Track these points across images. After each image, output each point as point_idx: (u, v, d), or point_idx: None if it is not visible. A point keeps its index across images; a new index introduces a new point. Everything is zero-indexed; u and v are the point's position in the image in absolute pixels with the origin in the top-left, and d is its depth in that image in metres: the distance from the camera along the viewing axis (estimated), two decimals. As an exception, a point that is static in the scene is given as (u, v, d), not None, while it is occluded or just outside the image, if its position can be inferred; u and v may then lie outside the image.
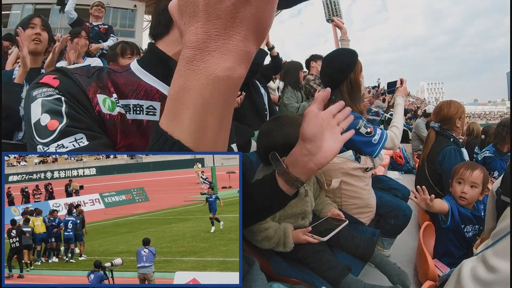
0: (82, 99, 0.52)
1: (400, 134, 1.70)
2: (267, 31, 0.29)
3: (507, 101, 76.01)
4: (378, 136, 1.58)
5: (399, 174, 4.10)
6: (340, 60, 1.62)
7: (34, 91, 0.51)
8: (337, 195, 1.52)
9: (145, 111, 0.61)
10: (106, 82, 0.58)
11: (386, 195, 1.71)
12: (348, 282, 1.05)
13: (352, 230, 1.29)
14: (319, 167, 0.67)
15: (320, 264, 1.10)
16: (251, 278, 0.83)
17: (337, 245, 1.23)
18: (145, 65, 0.66)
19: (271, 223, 1.15)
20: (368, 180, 1.56)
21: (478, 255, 0.92)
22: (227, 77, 0.27)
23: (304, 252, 1.13)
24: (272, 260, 1.19)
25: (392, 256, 1.86)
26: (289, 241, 1.12)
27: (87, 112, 0.52)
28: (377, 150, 1.57)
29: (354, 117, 1.65)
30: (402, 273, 1.15)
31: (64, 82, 0.52)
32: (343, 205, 1.51)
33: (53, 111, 0.49)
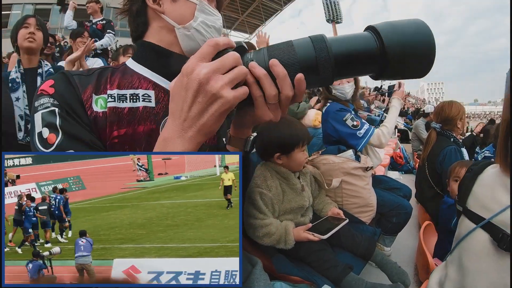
0: (75, 105, 0.60)
1: (388, 134, 1.74)
2: (213, 134, 0.46)
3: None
4: (364, 130, 1.67)
5: (399, 174, 4.11)
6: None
7: (36, 101, 0.59)
8: (338, 195, 1.53)
9: (141, 98, 0.67)
10: (105, 79, 0.66)
11: (387, 194, 1.73)
12: (349, 280, 1.06)
13: (353, 229, 1.29)
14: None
15: (321, 262, 1.11)
16: (254, 278, 0.84)
17: (338, 244, 1.23)
18: (138, 59, 0.72)
19: (272, 219, 1.16)
20: (369, 179, 1.57)
21: (444, 261, 0.96)
22: (183, 149, 0.45)
23: (305, 250, 1.14)
24: (275, 258, 1.20)
25: (393, 255, 1.87)
26: (290, 238, 1.13)
27: (79, 118, 0.60)
28: (362, 143, 1.66)
29: (343, 109, 1.73)
30: (402, 272, 1.16)
31: (59, 90, 0.60)
32: (344, 204, 1.52)
33: (50, 125, 0.57)
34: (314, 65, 0.44)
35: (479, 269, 0.77)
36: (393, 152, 4.29)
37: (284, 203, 1.23)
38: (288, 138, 1.20)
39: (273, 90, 0.45)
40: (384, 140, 1.71)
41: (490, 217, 0.77)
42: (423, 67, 0.47)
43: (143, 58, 0.72)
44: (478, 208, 0.83)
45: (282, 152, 1.22)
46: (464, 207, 0.89)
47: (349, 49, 0.45)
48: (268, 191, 1.19)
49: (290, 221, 1.20)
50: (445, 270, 0.92)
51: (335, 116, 1.73)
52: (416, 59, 0.46)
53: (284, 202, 1.23)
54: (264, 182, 1.20)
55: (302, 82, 0.45)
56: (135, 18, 0.73)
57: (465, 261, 0.82)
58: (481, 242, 0.78)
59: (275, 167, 1.24)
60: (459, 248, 0.86)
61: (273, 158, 1.24)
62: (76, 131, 0.59)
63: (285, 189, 1.24)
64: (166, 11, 0.70)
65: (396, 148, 4.56)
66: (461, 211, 0.90)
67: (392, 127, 1.79)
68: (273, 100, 0.47)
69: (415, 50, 0.45)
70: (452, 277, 0.85)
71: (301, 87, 0.46)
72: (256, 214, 1.15)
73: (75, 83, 0.62)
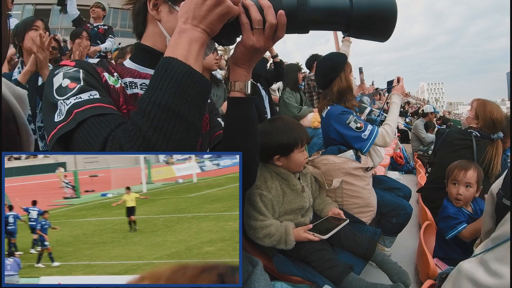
0: (94, 73, 0.66)
1: (392, 132, 1.71)
2: (217, 30, 0.60)
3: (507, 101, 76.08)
4: (368, 131, 1.64)
5: (399, 174, 4.11)
6: (331, 60, 1.81)
7: (56, 70, 0.64)
8: (338, 195, 1.53)
9: (139, 87, 0.73)
10: (108, 67, 0.72)
11: (387, 194, 1.72)
12: (350, 280, 1.06)
13: (353, 229, 1.30)
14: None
15: (322, 262, 1.11)
16: (255, 278, 0.85)
17: (339, 244, 1.23)
18: (135, 59, 0.78)
19: (272, 220, 1.16)
20: (369, 180, 1.57)
21: (476, 256, 0.91)
22: (196, 38, 0.58)
23: (306, 250, 1.14)
24: (275, 258, 1.20)
25: (393, 255, 1.87)
26: (290, 239, 1.13)
27: (98, 81, 0.66)
28: (367, 145, 1.63)
29: (345, 112, 1.70)
30: (402, 272, 1.16)
31: (79, 63, 0.67)
32: (344, 204, 1.52)
33: (73, 77, 0.62)
34: (294, 10, 0.60)
35: None
36: (393, 152, 4.29)
37: (284, 204, 1.23)
38: (287, 141, 1.20)
39: (257, 16, 0.61)
40: (388, 139, 1.68)
41: None
42: (385, 27, 0.60)
43: (139, 59, 0.78)
44: None
45: (281, 154, 1.22)
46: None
47: (325, 3, 0.60)
48: (268, 193, 1.19)
49: (290, 221, 1.20)
50: (481, 267, 0.84)
51: (338, 119, 1.69)
52: (379, 20, 0.59)
53: (284, 203, 1.23)
54: (264, 183, 1.20)
55: (283, 16, 0.60)
56: (135, 16, 0.78)
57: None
58: None
59: (275, 169, 1.24)
60: (507, 245, 0.78)
61: (272, 160, 1.24)
62: (97, 87, 0.63)
63: (285, 190, 1.24)
64: (162, 19, 0.73)
65: (396, 148, 4.57)
66: (510, 205, 0.85)
67: (395, 125, 1.76)
68: (257, 24, 0.61)
69: (379, 12, 0.58)
70: (502, 273, 0.76)
71: (282, 20, 0.61)
72: (256, 215, 1.15)
73: (88, 62, 0.69)
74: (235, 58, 0.71)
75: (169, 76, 0.53)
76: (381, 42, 0.65)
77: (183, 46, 0.56)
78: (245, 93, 0.72)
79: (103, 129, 0.55)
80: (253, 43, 0.64)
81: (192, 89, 0.54)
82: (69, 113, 0.57)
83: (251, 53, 0.67)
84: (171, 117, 0.52)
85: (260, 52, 0.67)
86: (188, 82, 0.53)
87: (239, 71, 0.72)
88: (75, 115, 0.56)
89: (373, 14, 0.59)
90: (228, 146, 0.76)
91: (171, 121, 0.52)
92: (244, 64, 0.71)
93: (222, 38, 0.67)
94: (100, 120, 0.57)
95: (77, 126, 0.56)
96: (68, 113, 0.57)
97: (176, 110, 0.52)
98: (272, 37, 0.64)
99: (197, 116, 0.56)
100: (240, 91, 0.72)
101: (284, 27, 0.62)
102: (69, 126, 0.56)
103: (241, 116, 0.73)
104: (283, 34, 0.64)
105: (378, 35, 0.63)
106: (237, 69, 0.72)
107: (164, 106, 0.51)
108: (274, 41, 0.65)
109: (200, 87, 0.55)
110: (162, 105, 0.51)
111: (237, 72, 0.72)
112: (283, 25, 0.61)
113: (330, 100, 1.80)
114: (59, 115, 0.58)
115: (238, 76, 0.72)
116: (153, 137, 0.51)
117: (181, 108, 0.53)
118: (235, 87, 0.72)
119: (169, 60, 0.54)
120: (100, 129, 0.55)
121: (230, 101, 0.74)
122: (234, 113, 0.73)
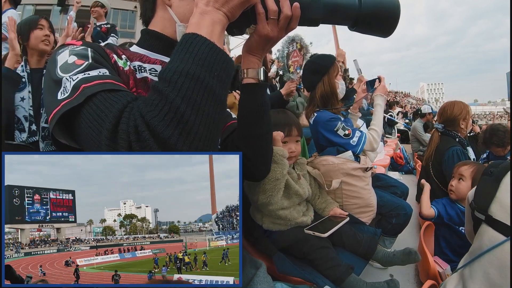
0: (102, 53, 0.63)
1: (378, 137, 1.67)
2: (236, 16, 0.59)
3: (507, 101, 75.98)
4: (357, 138, 1.61)
5: (400, 174, 4.11)
6: (315, 63, 1.74)
7: (60, 49, 0.61)
8: (338, 196, 1.53)
9: (148, 71, 0.71)
10: (116, 50, 0.70)
11: (387, 195, 1.72)
12: (351, 281, 1.06)
13: (353, 229, 1.30)
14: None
15: (324, 261, 1.10)
16: (258, 280, 0.85)
17: (340, 242, 1.23)
18: (142, 45, 0.76)
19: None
20: (368, 180, 1.57)
21: (458, 271, 0.90)
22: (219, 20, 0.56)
23: (310, 247, 1.13)
24: (275, 257, 1.19)
25: (393, 255, 1.87)
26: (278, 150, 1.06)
27: (107, 61, 0.63)
28: (357, 152, 1.61)
29: (333, 118, 1.64)
30: (405, 251, 1.22)
31: (86, 42, 0.63)
32: (344, 205, 1.52)
33: (80, 55, 0.58)
34: (308, 4, 0.63)
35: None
36: (393, 153, 4.29)
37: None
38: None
39: (274, 6, 0.62)
40: (375, 145, 1.65)
41: None
42: (389, 25, 0.66)
43: (146, 44, 0.76)
44: (505, 217, 0.74)
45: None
46: (487, 215, 0.79)
47: (337, 1, 0.65)
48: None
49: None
50: (461, 285, 0.82)
51: (326, 126, 1.63)
52: (384, 18, 0.66)
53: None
54: None
55: (298, 8, 0.63)
56: (144, 2, 0.77)
57: (493, 276, 0.73)
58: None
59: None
60: (482, 261, 0.77)
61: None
62: (107, 66, 0.60)
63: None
64: (173, 5, 0.73)
65: (396, 148, 4.57)
66: (483, 219, 0.80)
67: (380, 128, 1.71)
68: (273, 15, 0.63)
69: (384, 10, 0.65)
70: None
71: (296, 12, 0.63)
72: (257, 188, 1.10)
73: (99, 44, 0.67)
74: (249, 47, 0.73)
75: (195, 49, 0.50)
76: (384, 37, 0.71)
77: (207, 26, 0.54)
78: (258, 80, 0.75)
79: (116, 102, 0.49)
80: (267, 33, 0.66)
81: (219, 66, 0.51)
82: (75, 88, 0.50)
83: (264, 42, 0.69)
84: (200, 88, 0.48)
85: (273, 42, 0.70)
86: (214, 57, 0.51)
87: (252, 59, 0.74)
88: (83, 89, 0.50)
89: (380, 12, 0.65)
90: (244, 134, 0.77)
91: (199, 91, 0.48)
92: (257, 52, 0.74)
93: (234, 27, 0.69)
94: (112, 95, 0.51)
95: (84, 101, 0.49)
96: (74, 88, 0.51)
97: (205, 82, 0.49)
98: (286, 28, 0.66)
99: (224, 93, 0.53)
100: (253, 78, 0.74)
101: (297, 19, 0.64)
102: (75, 101, 0.49)
103: (255, 102, 0.75)
104: (296, 25, 0.66)
105: (382, 31, 0.68)
106: (250, 57, 0.74)
107: (192, 76, 0.48)
108: (287, 32, 0.68)
109: (226, 64, 0.53)
110: (190, 75, 0.47)
111: (250, 60, 0.74)
112: (297, 17, 0.64)
113: (315, 106, 1.71)
114: (63, 92, 0.51)
115: (250, 64, 0.74)
116: (181, 106, 0.46)
117: (210, 80, 0.49)
118: (248, 74, 0.74)
119: (194, 35, 0.52)
120: (113, 103, 0.49)
121: (244, 88, 0.75)
122: (248, 99, 0.75)
